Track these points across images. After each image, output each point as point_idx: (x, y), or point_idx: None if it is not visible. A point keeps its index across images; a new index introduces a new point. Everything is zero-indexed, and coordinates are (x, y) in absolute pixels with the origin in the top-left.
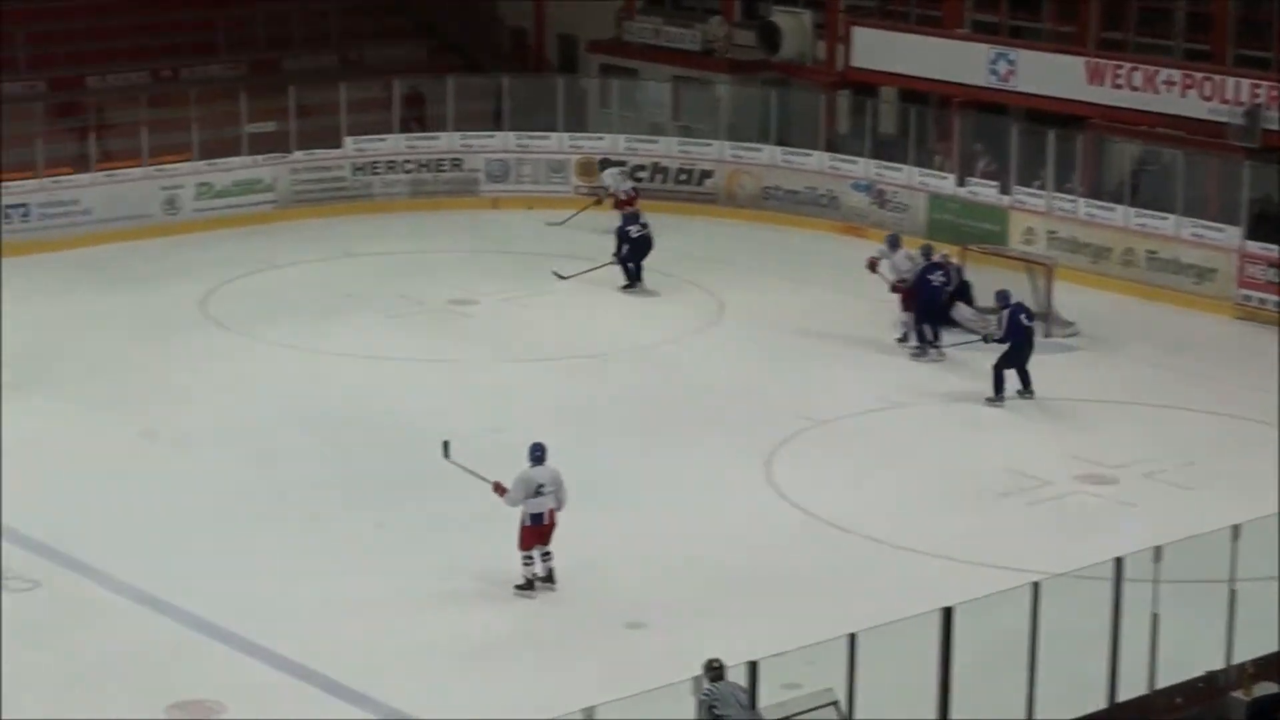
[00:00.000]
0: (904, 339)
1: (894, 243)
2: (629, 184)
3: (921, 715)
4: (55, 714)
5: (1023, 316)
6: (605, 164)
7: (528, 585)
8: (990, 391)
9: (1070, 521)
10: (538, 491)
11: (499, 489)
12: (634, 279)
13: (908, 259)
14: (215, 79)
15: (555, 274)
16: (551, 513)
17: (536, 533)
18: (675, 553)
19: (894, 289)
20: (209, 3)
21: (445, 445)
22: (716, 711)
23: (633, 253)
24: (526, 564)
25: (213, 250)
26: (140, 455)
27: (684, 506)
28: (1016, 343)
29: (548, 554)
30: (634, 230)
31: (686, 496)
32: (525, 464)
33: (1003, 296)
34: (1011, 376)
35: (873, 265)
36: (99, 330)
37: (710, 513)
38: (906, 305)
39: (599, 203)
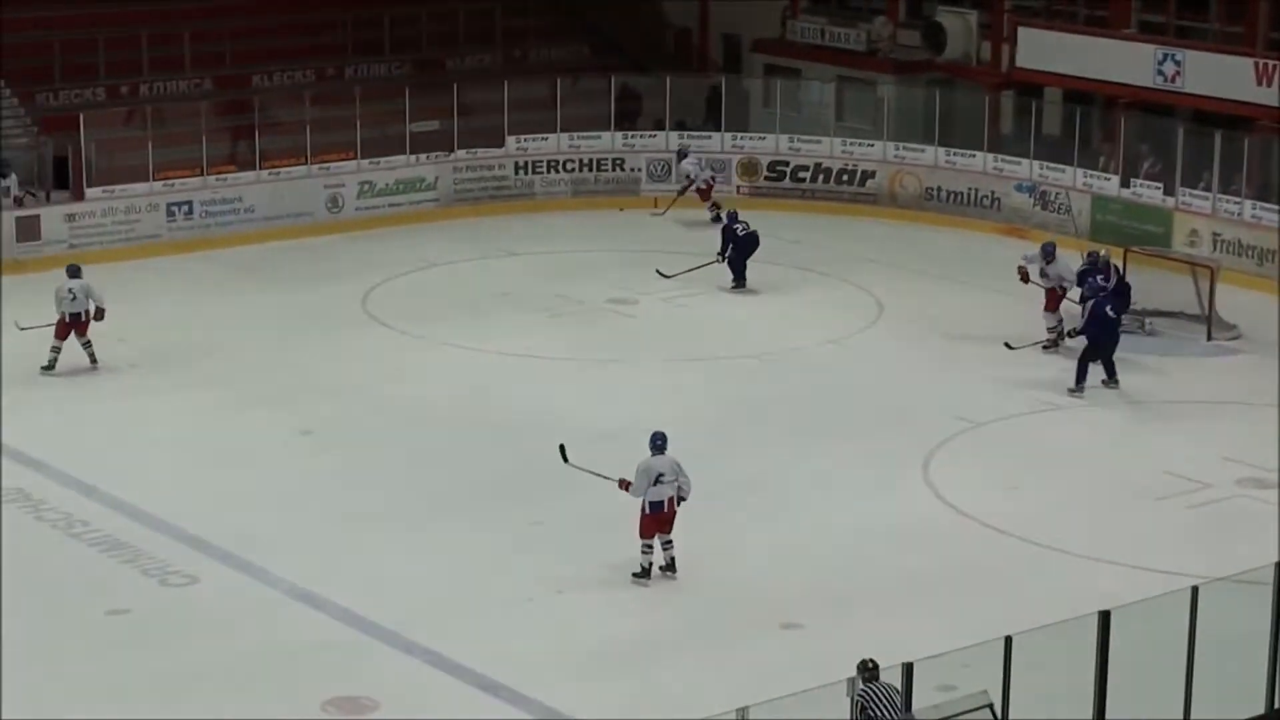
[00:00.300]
0: (1053, 343)
1: (1049, 254)
2: (709, 172)
3: (1077, 719)
4: (211, 710)
5: (1108, 309)
6: (683, 154)
7: (644, 573)
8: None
9: (1229, 525)
10: (658, 480)
11: (624, 485)
12: (740, 279)
13: (1067, 267)
14: (379, 78)
15: (659, 272)
16: (671, 501)
17: (656, 521)
18: (831, 553)
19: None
20: (374, 2)
21: (562, 449)
22: (869, 713)
23: (739, 252)
24: (646, 551)
25: (374, 248)
26: (298, 452)
27: (840, 507)
28: (1094, 335)
29: (669, 543)
30: (740, 229)
31: (843, 497)
32: (647, 454)
33: (1091, 284)
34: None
35: (1024, 276)
36: (260, 327)
37: (867, 513)
38: (1050, 306)
39: (683, 193)
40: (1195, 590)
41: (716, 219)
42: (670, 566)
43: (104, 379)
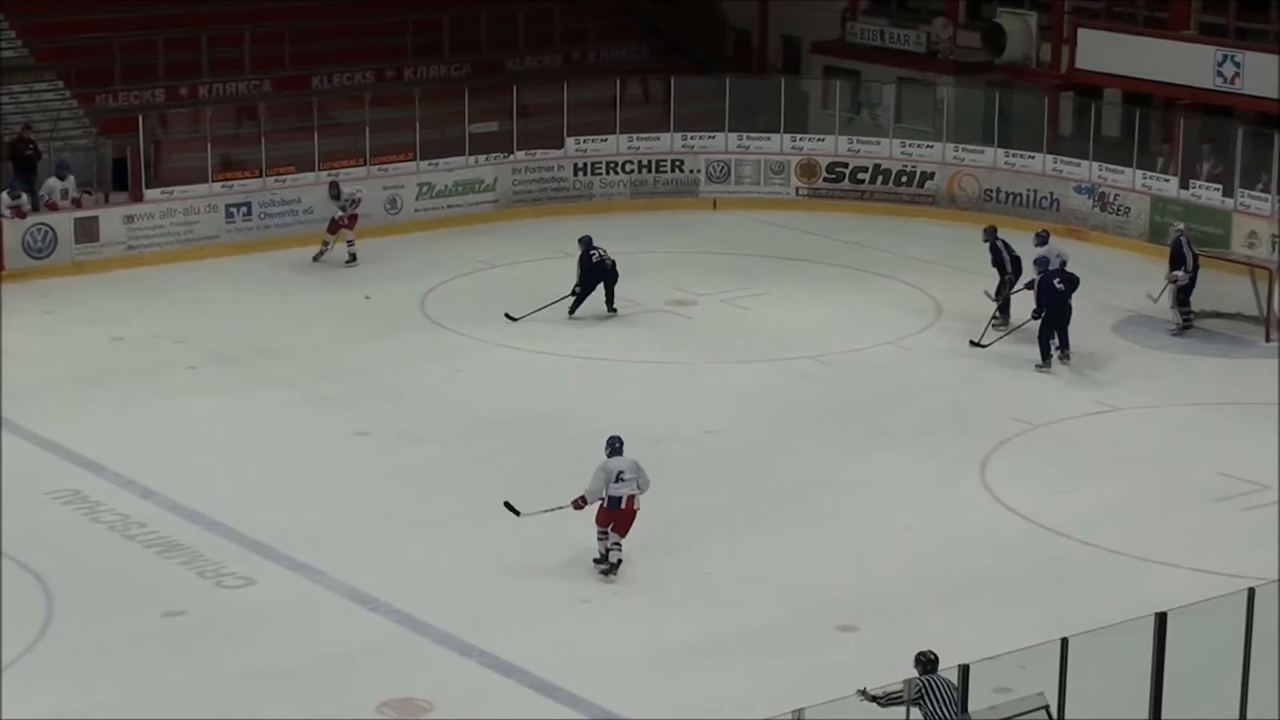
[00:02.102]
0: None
1: (1041, 241)
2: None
3: None
4: (267, 711)
5: (1056, 281)
6: (335, 187)
7: (601, 559)
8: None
9: None
10: (618, 478)
11: (578, 502)
12: (577, 303)
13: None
14: (439, 79)
15: (507, 315)
16: (631, 499)
17: (612, 514)
18: (889, 555)
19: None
20: (434, 4)
21: (508, 506)
22: (925, 706)
23: (589, 281)
24: (602, 538)
25: (433, 249)
26: (355, 453)
27: (899, 508)
28: (1047, 309)
29: (618, 544)
30: (594, 256)
31: (901, 498)
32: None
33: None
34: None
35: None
36: (318, 329)
37: (925, 515)
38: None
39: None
40: (1252, 592)
41: (354, 258)
42: (613, 568)
43: (161, 380)
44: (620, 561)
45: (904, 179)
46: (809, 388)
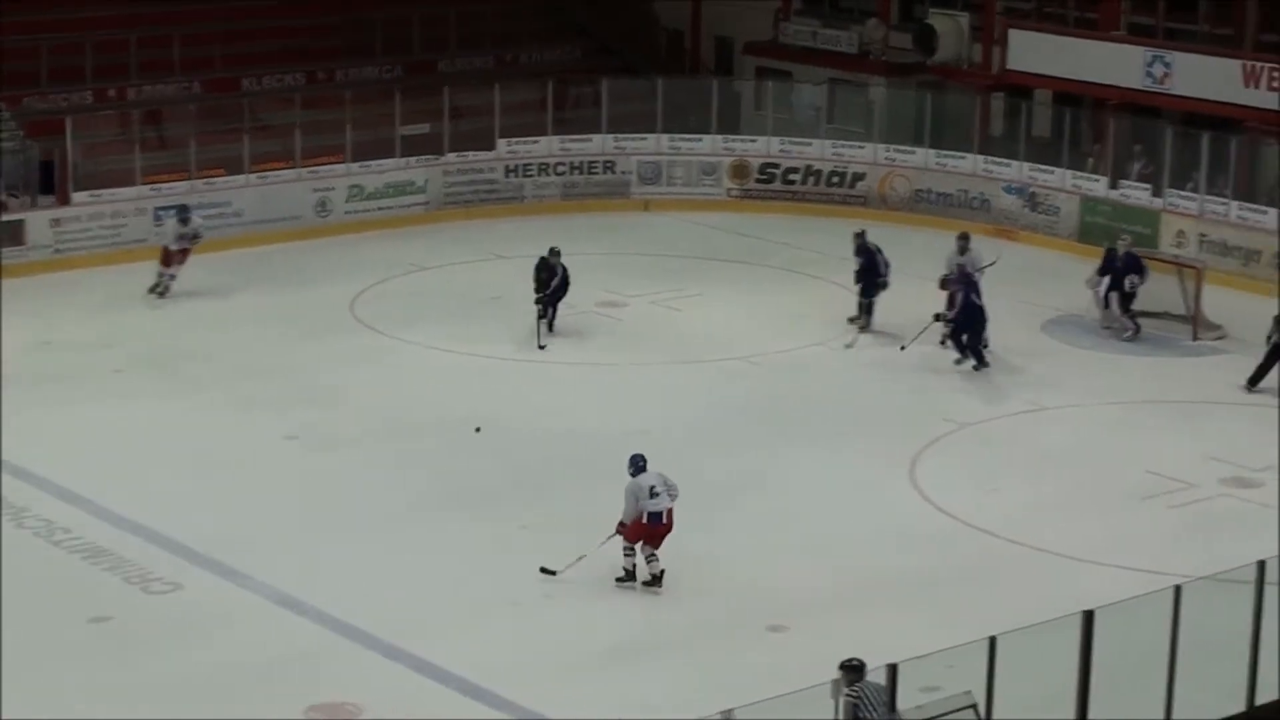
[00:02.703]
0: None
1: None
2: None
3: (1060, 718)
4: (195, 715)
5: (973, 296)
6: (184, 212)
7: (628, 576)
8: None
9: (1213, 525)
10: (651, 493)
11: (621, 528)
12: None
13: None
14: (369, 81)
15: None
16: (669, 512)
17: (654, 531)
18: (818, 555)
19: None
20: (365, 5)
21: (544, 570)
22: (861, 713)
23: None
24: (628, 554)
25: (363, 252)
26: (284, 456)
27: (827, 509)
28: (962, 322)
29: (654, 557)
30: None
31: (830, 498)
32: (628, 477)
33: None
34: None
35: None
36: (248, 331)
37: (853, 515)
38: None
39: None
40: (1178, 590)
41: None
42: (657, 580)
43: (89, 384)
44: (663, 571)
45: (835, 180)
46: (739, 388)
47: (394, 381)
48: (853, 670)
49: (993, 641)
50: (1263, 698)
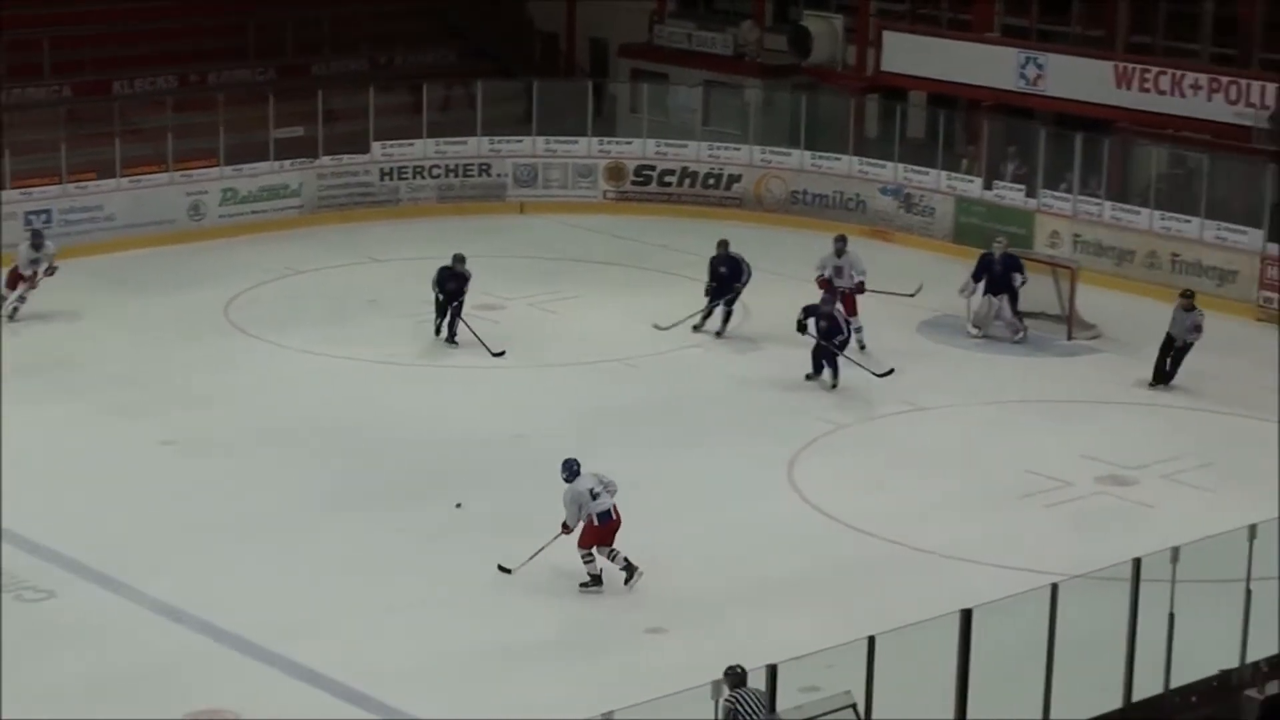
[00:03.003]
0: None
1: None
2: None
3: (939, 717)
4: None
5: (820, 323)
6: (37, 236)
7: (594, 581)
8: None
9: (1089, 523)
10: (593, 495)
11: (566, 529)
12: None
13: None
14: (243, 84)
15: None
16: (616, 508)
17: (605, 531)
18: (697, 556)
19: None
20: (238, 7)
21: (502, 568)
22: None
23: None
24: (588, 561)
25: (237, 256)
26: (159, 462)
27: (705, 510)
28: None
29: (614, 553)
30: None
31: (708, 500)
32: (563, 484)
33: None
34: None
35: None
36: (122, 336)
37: (733, 516)
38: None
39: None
40: (1055, 588)
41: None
42: (632, 570)
43: None
44: (633, 565)
45: (711, 181)
46: (618, 390)
47: (270, 386)
48: (734, 677)
49: (871, 641)
50: (1140, 694)
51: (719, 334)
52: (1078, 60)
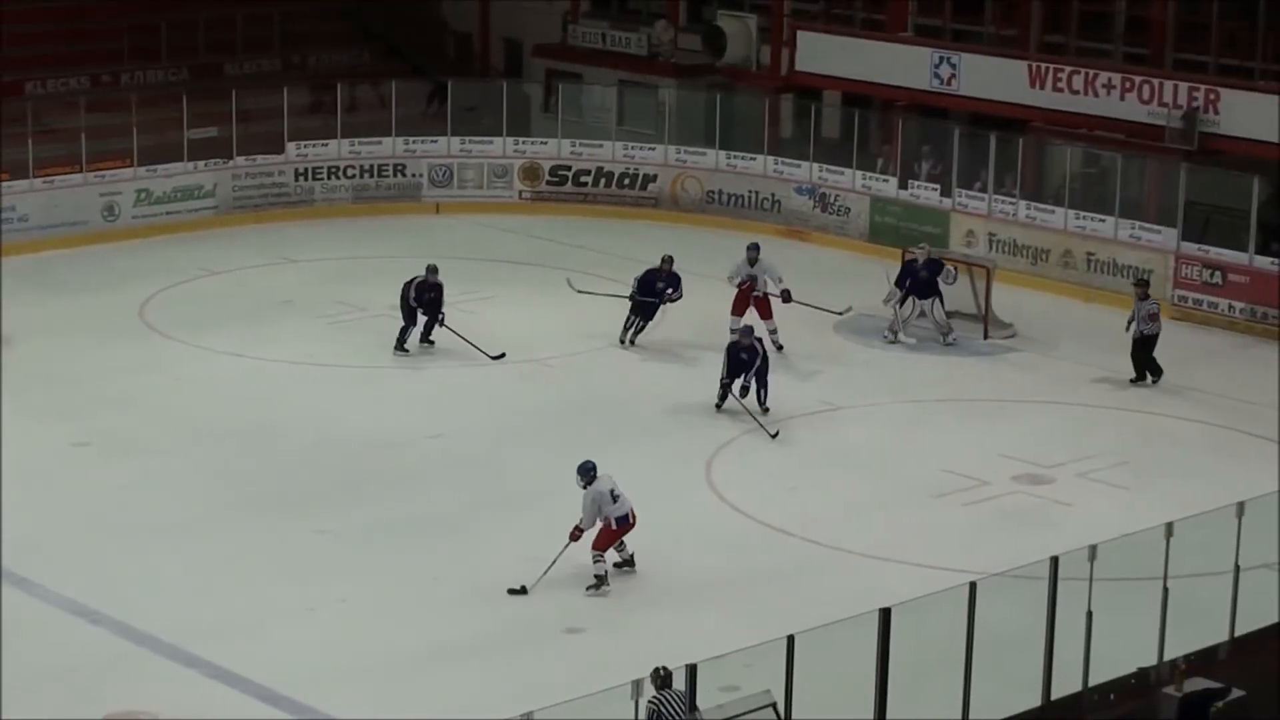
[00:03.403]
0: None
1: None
2: None
3: (859, 716)
4: None
5: (741, 355)
6: None
7: (602, 581)
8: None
9: (1006, 522)
10: (613, 497)
11: (575, 535)
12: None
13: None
14: (156, 84)
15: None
16: (632, 511)
17: (621, 533)
18: (614, 556)
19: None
20: (150, 8)
21: (514, 590)
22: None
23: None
24: (599, 561)
25: (152, 257)
26: (74, 464)
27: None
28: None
29: (621, 544)
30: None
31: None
32: (579, 489)
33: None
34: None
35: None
36: (36, 338)
37: (651, 516)
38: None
39: None
40: (973, 586)
41: None
42: (629, 562)
43: None
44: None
45: (627, 181)
46: (535, 391)
47: (186, 387)
48: (659, 679)
49: (791, 640)
50: (1058, 692)
51: (630, 343)
52: (991, 60)
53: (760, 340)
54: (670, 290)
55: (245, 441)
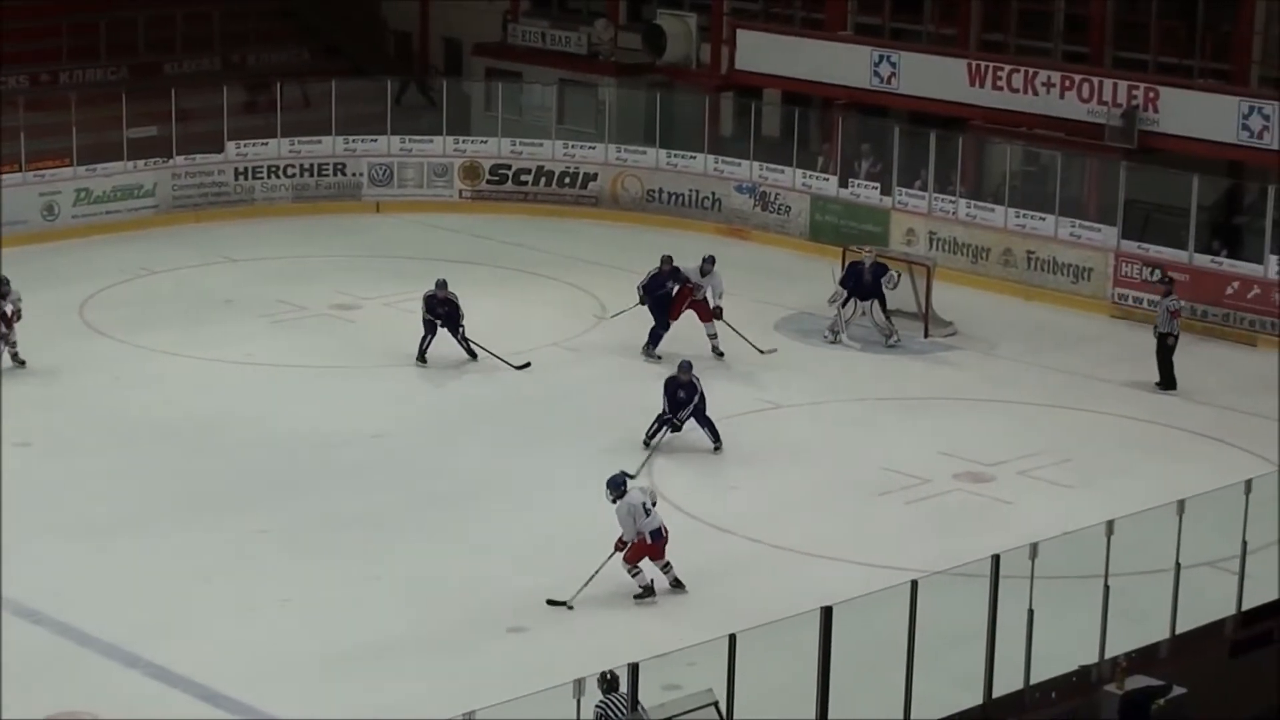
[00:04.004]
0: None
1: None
2: None
3: (801, 714)
4: None
5: (680, 392)
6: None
7: (648, 591)
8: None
9: (947, 519)
10: (646, 511)
11: (620, 544)
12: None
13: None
14: (95, 83)
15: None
16: (665, 526)
17: (655, 548)
18: (557, 555)
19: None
20: (90, 7)
21: (553, 602)
22: None
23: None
24: (635, 574)
25: (92, 256)
26: (15, 464)
27: (565, 509)
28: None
29: (667, 566)
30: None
31: (567, 499)
32: (609, 501)
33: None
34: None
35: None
36: None
37: (591, 515)
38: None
39: None
40: (915, 584)
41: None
42: (678, 583)
43: None
44: (681, 583)
45: (567, 180)
46: (476, 389)
47: (126, 386)
48: (606, 683)
49: (733, 639)
50: (1000, 690)
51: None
52: (931, 58)
53: (698, 379)
54: (675, 286)
55: (185, 441)
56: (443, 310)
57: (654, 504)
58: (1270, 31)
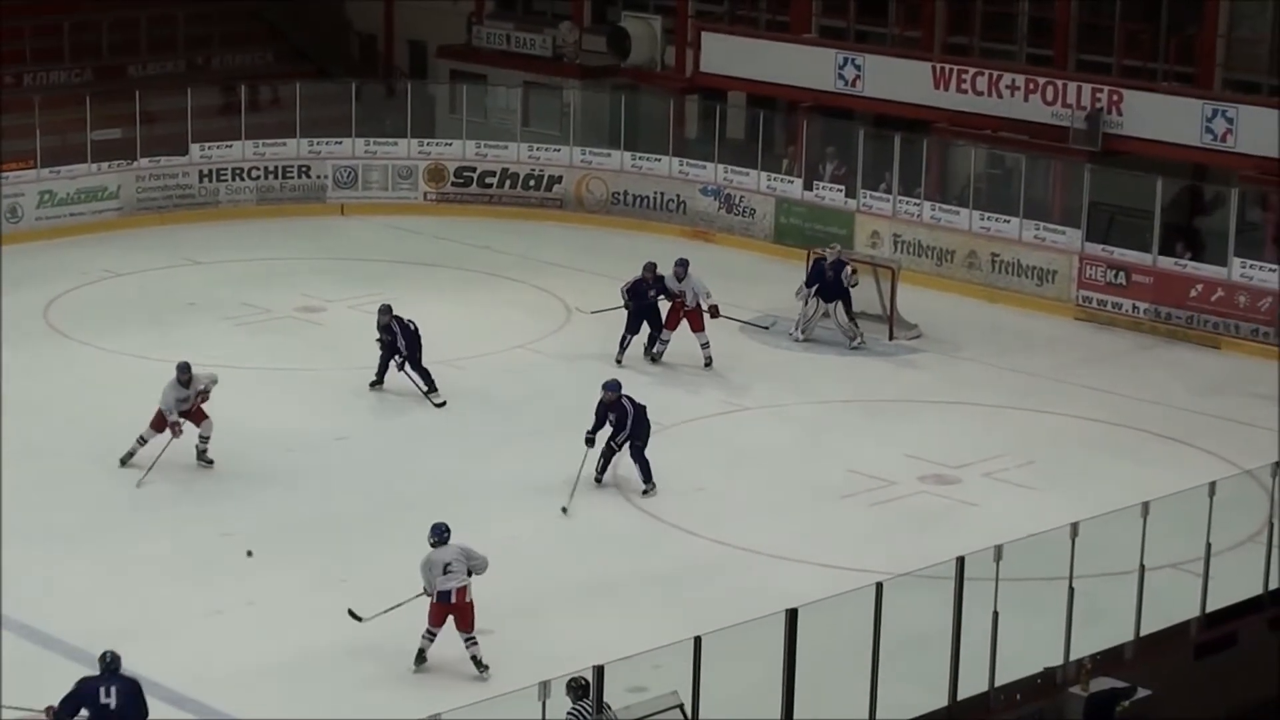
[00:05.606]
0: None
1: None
2: None
3: (766, 717)
4: None
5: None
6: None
7: (420, 658)
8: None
9: (912, 522)
10: (445, 570)
11: (427, 593)
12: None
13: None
14: (59, 85)
15: None
16: (461, 592)
17: (443, 609)
18: (523, 557)
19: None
20: (54, 9)
21: (352, 613)
22: None
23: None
24: (426, 638)
25: (56, 259)
26: None
27: (529, 511)
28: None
29: (471, 640)
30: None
31: (532, 500)
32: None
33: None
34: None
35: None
36: None
37: (556, 516)
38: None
39: None
40: (880, 586)
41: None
42: (478, 664)
43: None
44: (481, 661)
45: (532, 183)
46: (442, 392)
47: (91, 389)
48: (576, 689)
49: (698, 641)
50: (965, 692)
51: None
52: (895, 61)
53: (630, 398)
54: (659, 295)
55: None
56: (387, 338)
57: (469, 572)
58: (1234, 34)
